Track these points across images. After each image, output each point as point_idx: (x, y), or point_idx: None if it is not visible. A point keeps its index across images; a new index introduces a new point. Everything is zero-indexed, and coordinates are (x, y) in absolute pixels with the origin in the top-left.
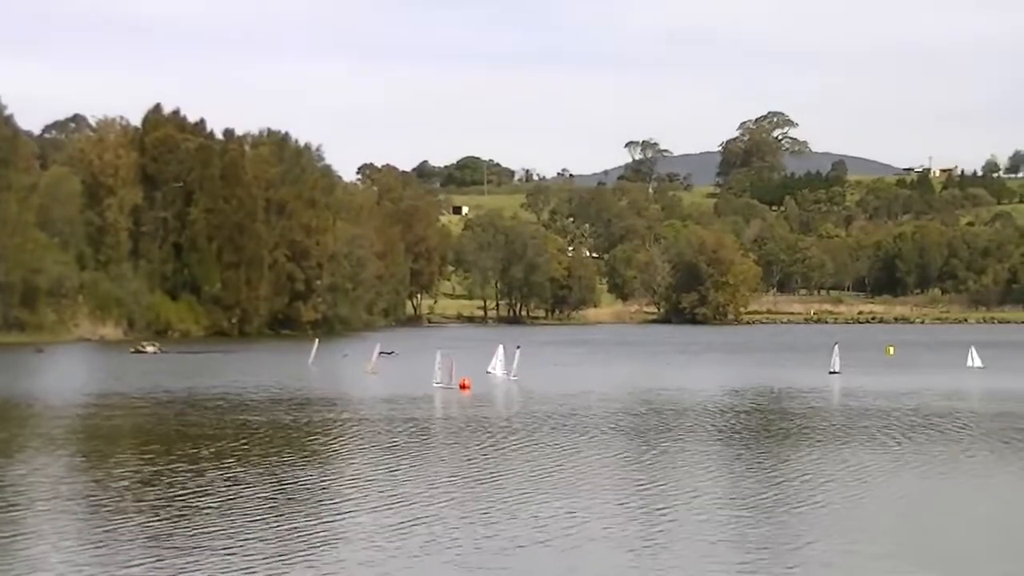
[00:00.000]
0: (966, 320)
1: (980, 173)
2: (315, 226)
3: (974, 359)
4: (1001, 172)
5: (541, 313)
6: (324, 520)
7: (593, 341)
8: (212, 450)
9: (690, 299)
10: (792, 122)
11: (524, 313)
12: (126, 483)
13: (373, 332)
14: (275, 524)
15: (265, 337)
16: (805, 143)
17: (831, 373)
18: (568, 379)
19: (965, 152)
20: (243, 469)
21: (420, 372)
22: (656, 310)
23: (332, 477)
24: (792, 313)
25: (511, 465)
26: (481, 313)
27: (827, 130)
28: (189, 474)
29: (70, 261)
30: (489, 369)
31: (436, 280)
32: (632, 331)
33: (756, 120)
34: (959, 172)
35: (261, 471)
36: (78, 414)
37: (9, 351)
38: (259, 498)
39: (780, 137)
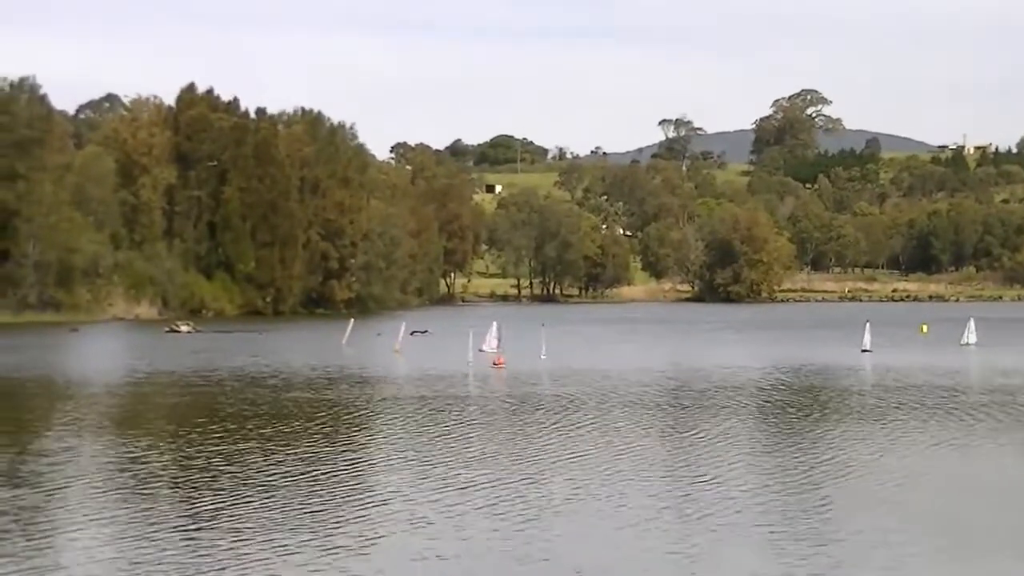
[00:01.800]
0: (1001, 298)
1: (1015, 150)
2: (349, 205)
3: (970, 335)
4: None
5: (575, 292)
6: (366, 502)
7: (627, 319)
8: (247, 430)
9: (724, 277)
10: (826, 100)
11: (558, 291)
12: (161, 463)
13: (407, 311)
14: (314, 504)
15: (299, 316)
16: (839, 121)
17: (863, 351)
18: (600, 357)
19: (1000, 129)
20: (281, 449)
21: (453, 350)
22: (690, 288)
23: (371, 458)
24: (826, 291)
25: (547, 443)
26: (515, 292)
27: (861, 108)
28: (225, 454)
29: (104, 240)
30: (483, 347)
31: (470, 259)
32: (666, 309)
33: (789, 98)
34: (994, 149)
35: (299, 451)
36: (112, 393)
37: (45, 330)
38: (297, 476)
39: (814, 115)
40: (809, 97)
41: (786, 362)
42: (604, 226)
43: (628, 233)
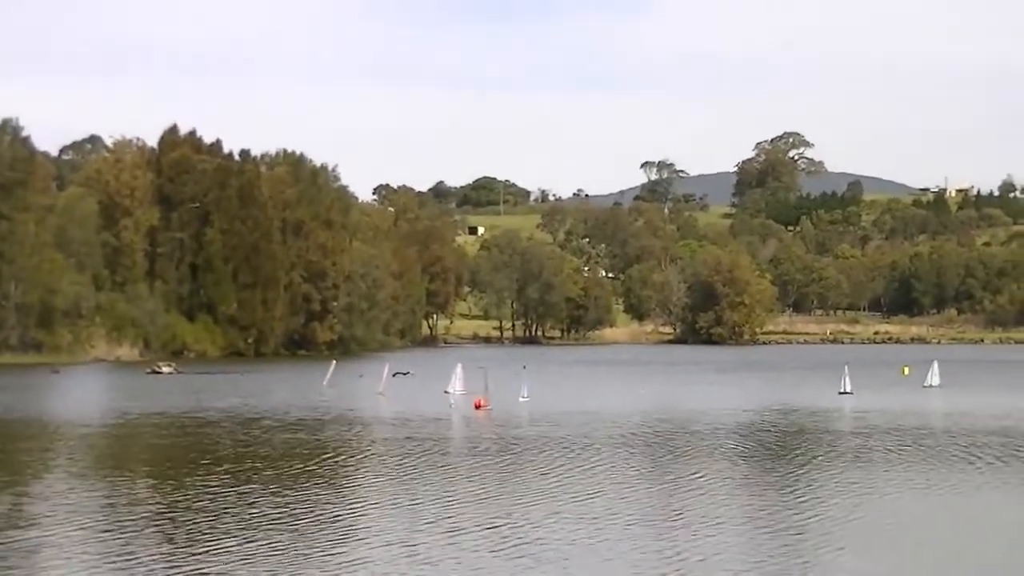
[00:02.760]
0: (982, 340)
1: (996, 193)
2: (331, 246)
3: (933, 377)
4: (1018, 192)
5: (557, 333)
6: (346, 543)
7: (609, 361)
8: (225, 470)
9: (706, 319)
10: (808, 142)
11: (540, 333)
12: (146, 504)
13: (389, 352)
14: (292, 545)
15: (281, 357)
16: (821, 163)
17: (840, 393)
18: (582, 399)
19: (981, 172)
20: (259, 489)
21: (436, 392)
22: (672, 330)
23: (349, 501)
24: (808, 333)
25: (527, 487)
26: (497, 333)
27: (843, 150)
28: (203, 495)
29: (86, 282)
30: (447, 389)
31: (452, 300)
32: (648, 351)
33: (772, 140)
34: (975, 192)
35: (277, 492)
36: (93, 434)
37: (26, 372)
38: (275, 518)
39: (796, 157)
40: (791, 140)
41: (765, 404)
42: (586, 268)
43: (610, 275)
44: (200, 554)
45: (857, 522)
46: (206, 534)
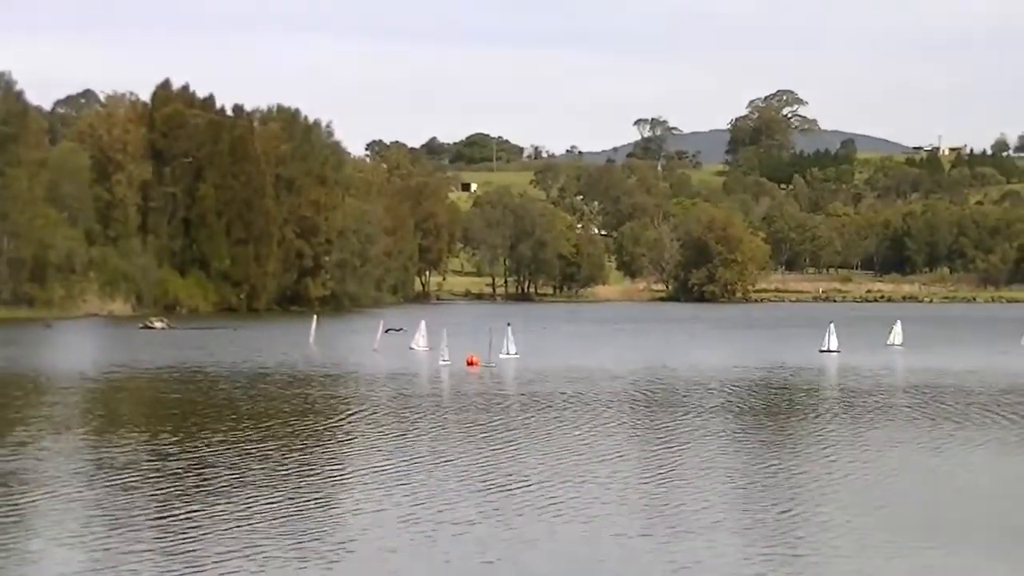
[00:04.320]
0: (975, 299)
1: (989, 152)
2: (324, 202)
3: (896, 336)
4: (1010, 151)
5: (549, 291)
6: (338, 500)
7: (600, 319)
8: (218, 426)
9: (698, 277)
10: (801, 100)
11: (532, 290)
12: (135, 460)
13: (381, 309)
14: (285, 505)
15: (274, 313)
16: (814, 121)
17: (822, 351)
18: (568, 356)
19: (974, 131)
20: (251, 445)
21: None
22: (664, 288)
23: (344, 456)
24: (800, 291)
25: (521, 442)
26: (490, 290)
27: (836, 108)
28: (198, 452)
29: (79, 236)
30: (412, 345)
31: (445, 257)
32: (640, 308)
33: (765, 98)
34: (968, 151)
35: (268, 447)
36: (87, 388)
37: (18, 326)
38: (269, 474)
39: (789, 115)
40: (785, 97)
41: (753, 362)
42: (579, 225)
43: (603, 232)
44: (195, 511)
45: (816, 475)
46: (200, 488)
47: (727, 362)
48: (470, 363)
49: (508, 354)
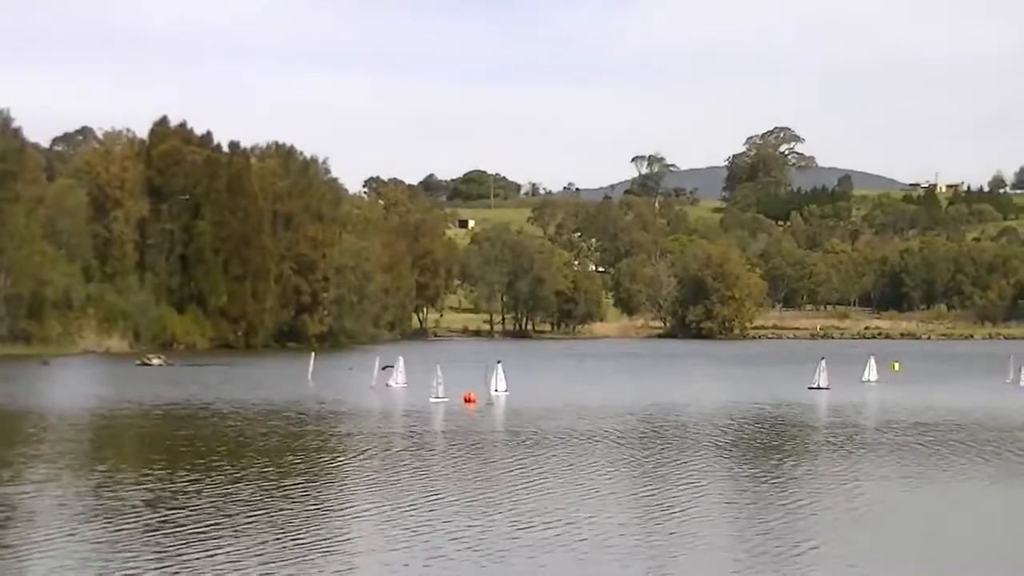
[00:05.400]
0: (972, 336)
1: (986, 188)
2: (321, 239)
3: (870, 372)
4: (1007, 188)
5: (547, 327)
6: (331, 534)
7: (600, 355)
8: (214, 463)
9: (696, 313)
10: (798, 137)
11: (530, 327)
12: (134, 498)
13: (378, 345)
14: (276, 538)
15: (271, 350)
16: (812, 158)
17: (811, 388)
18: (559, 393)
19: (971, 167)
20: (245, 483)
21: (425, 385)
22: (662, 324)
23: (337, 492)
24: (798, 328)
25: (514, 478)
26: (487, 327)
27: (833, 145)
28: (191, 488)
29: (76, 273)
30: (390, 382)
31: (442, 293)
32: (637, 346)
33: (762, 135)
34: (965, 187)
35: (262, 484)
36: (84, 426)
37: (15, 363)
38: (259, 512)
39: (786, 152)
40: (782, 134)
41: (746, 398)
42: (576, 262)
43: (600, 269)
44: (192, 551)
45: (809, 508)
46: (193, 527)
47: (718, 399)
48: (467, 400)
49: (497, 391)
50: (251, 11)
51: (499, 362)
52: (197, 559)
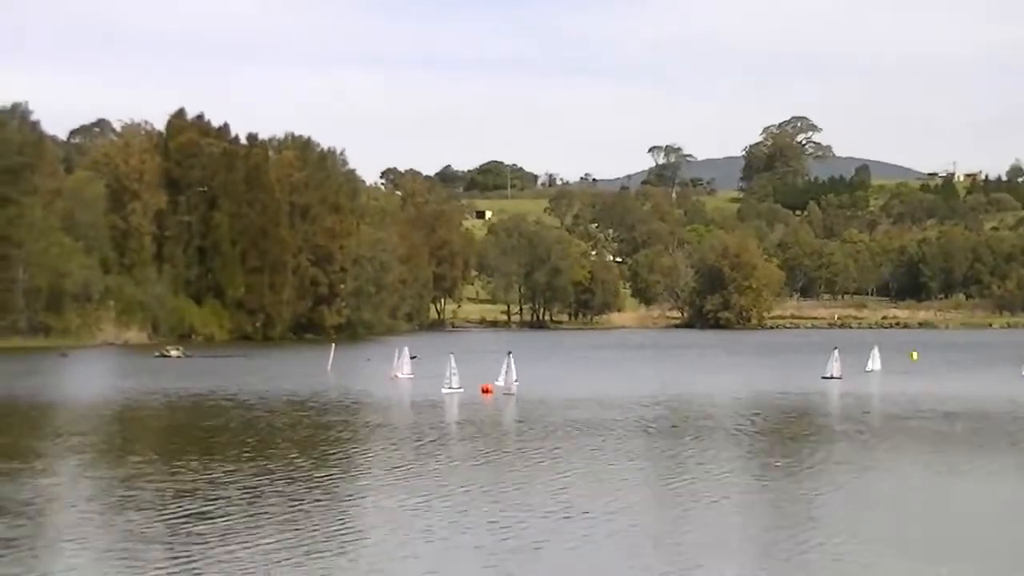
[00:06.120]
0: (990, 325)
1: (1005, 178)
2: (339, 230)
3: (874, 362)
4: None
5: (564, 317)
6: (364, 525)
7: (614, 345)
8: (245, 453)
9: (713, 303)
10: (816, 127)
11: (547, 317)
12: (168, 489)
13: (396, 336)
14: (295, 527)
15: (289, 341)
16: (829, 148)
17: (824, 378)
18: (571, 384)
19: (990, 157)
20: (278, 474)
21: (436, 376)
22: (679, 315)
23: (354, 482)
24: (815, 318)
25: (530, 468)
26: (504, 317)
27: (851, 135)
28: (224, 479)
29: (95, 265)
30: (396, 373)
31: (459, 284)
32: (655, 336)
33: (780, 125)
34: (983, 177)
35: (294, 475)
36: (111, 418)
37: (35, 356)
38: (293, 504)
39: (804, 142)
40: (799, 124)
41: (760, 388)
42: (594, 252)
43: (618, 259)
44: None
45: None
46: (227, 519)
47: (732, 389)
48: (485, 391)
49: (508, 382)
50: (272, 6)
51: (510, 353)
52: (231, 551)
